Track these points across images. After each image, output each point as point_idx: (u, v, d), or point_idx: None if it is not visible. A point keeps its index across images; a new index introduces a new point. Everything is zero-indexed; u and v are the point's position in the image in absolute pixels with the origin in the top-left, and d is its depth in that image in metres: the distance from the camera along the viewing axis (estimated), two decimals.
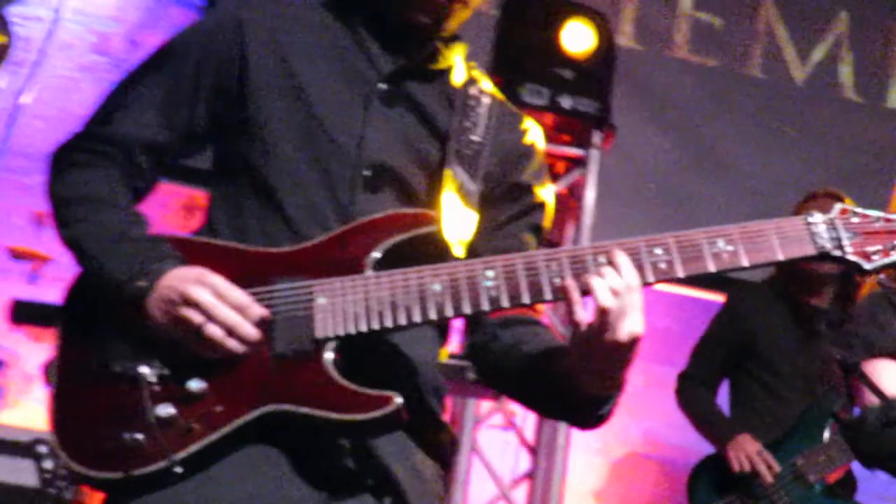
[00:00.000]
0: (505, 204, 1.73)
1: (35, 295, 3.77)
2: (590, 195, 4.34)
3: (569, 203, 4.42)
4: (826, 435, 3.34)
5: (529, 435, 4.32)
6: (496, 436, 4.38)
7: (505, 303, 1.46)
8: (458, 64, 1.73)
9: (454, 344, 3.58)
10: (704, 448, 4.62)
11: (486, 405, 4.10)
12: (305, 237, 1.54)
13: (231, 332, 1.42)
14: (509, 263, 1.48)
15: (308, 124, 1.61)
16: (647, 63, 5.10)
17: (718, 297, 4.12)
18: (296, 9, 1.72)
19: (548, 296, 1.46)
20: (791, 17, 5.33)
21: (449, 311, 1.47)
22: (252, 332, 1.43)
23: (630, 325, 1.37)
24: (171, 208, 4.13)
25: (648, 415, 4.73)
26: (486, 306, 1.46)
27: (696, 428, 3.67)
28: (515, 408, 4.31)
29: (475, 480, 4.04)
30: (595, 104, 4.27)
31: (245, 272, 1.50)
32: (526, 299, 1.46)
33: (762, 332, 3.60)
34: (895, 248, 1.51)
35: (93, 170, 1.60)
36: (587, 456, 4.65)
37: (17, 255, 3.52)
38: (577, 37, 4.26)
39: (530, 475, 4.25)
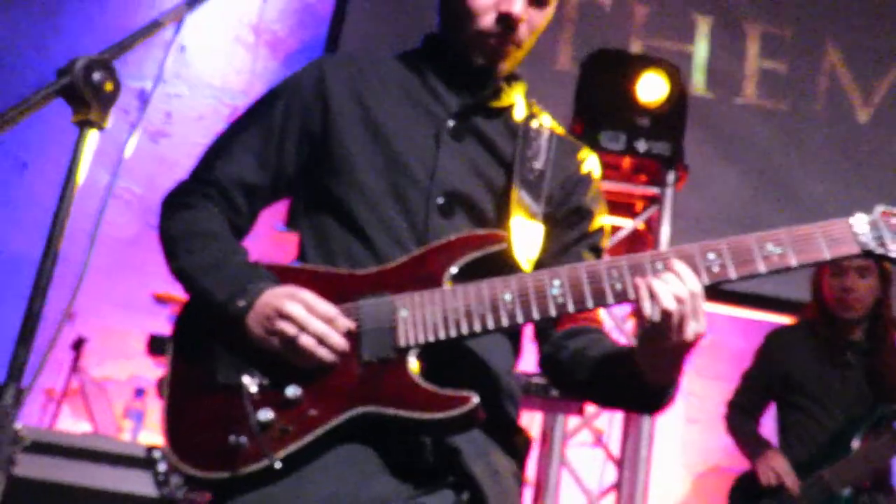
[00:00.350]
0: (568, 226, 1.75)
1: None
2: (665, 230, 4.34)
3: (646, 238, 4.43)
4: (855, 446, 3.43)
5: (615, 449, 4.29)
6: (584, 451, 4.36)
7: (571, 308, 1.48)
8: (518, 101, 1.76)
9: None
10: None
11: (573, 421, 4.10)
12: (387, 259, 1.57)
13: (321, 341, 1.46)
14: (573, 273, 1.49)
15: (386, 158, 1.64)
16: (718, 108, 5.06)
17: (785, 319, 4.17)
18: (369, 61, 1.77)
19: (610, 300, 1.48)
20: (854, 61, 5.24)
21: (520, 318, 1.49)
22: (340, 342, 1.47)
23: (694, 327, 1.40)
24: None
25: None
26: (553, 312, 1.49)
27: (738, 447, 3.75)
28: (602, 424, 4.33)
29: (565, 493, 4.03)
30: (668, 146, 4.29)
31: (334, 292, 1.53)
32: (590, 304, 1.48)
33: (797, 365, 3.66)
34: None
35: (197, 210, 1.65)
36: (670, 469, 4.58)
37: (160, 300, 3.58)
38: (652, 87, 4.29)
39: (616, 486, 4.21)
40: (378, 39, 4.98)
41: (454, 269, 1.53)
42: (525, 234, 1.63)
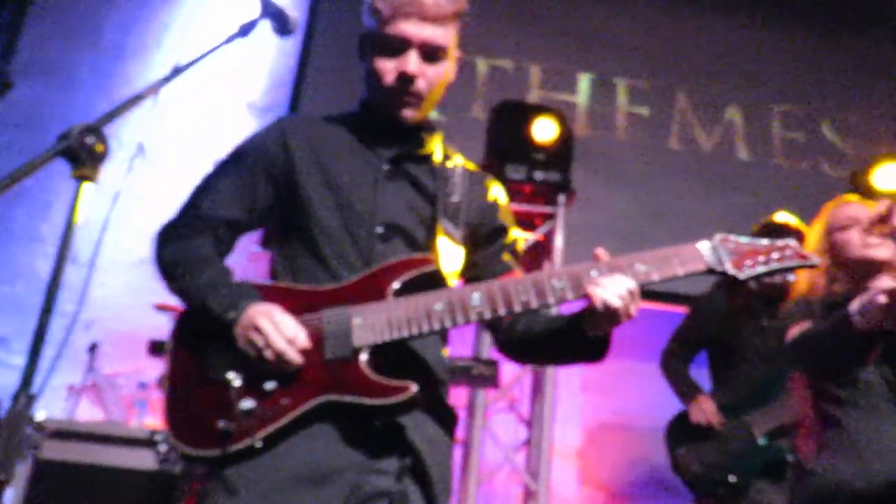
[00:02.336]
0: (490, 242, 1.76)
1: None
2: (559, 241, 4.40)
3: (545, 247, 4.49)
4: (775, 397, 3.29)
5: (525, 413, 4.33)
6: (500, 415, 4.37)
7: (487, 315, 1.50)
8: (437, 147, 1.75)
9: (478, 349, 3.63)
10: (658, 419, 4.64)
11: (492, 393, 4.11)
12: (341, 278, 1.58)
13: (280, 356, 1.46)
14: (490, 288, 1.51)
15: (336, 199, 1.64)
16: (598, 144, 5.12)
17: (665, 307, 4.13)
18: (320, 121, 1.76)
19: (517, 308, 1.50)
20: (697, 104, 5.37)
21: (448, 324, 1.50)
22: (296, 358, 1.47)
23: (630, 312, 1.46)
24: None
25: (616, 395, 4.69)
26: (473, 319, 1.50)
27: (673, 390, 3.61)
28: (514, 393, 4.34)
29: (486, 450, 4.06)
30: (559, 175, 4.39)
31: (303, 304, 1.53)
32: (502, 312, 1.50)
33: (722, 323, 3.49)
34: (759, 263, 1.53)
35: (191, 240, 1.64)
36: (569, 427, 4.59)
37: (161, 309, 3.47)
38: (545, 128, 4.36)
39: (527, 443, 4.26)
40: (333, 100, 4.95)
41: (396, 285, 1.54)
42: (449, 256, 1.65)
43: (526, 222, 4.51)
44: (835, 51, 5.61)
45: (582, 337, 1.53)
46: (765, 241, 1.55)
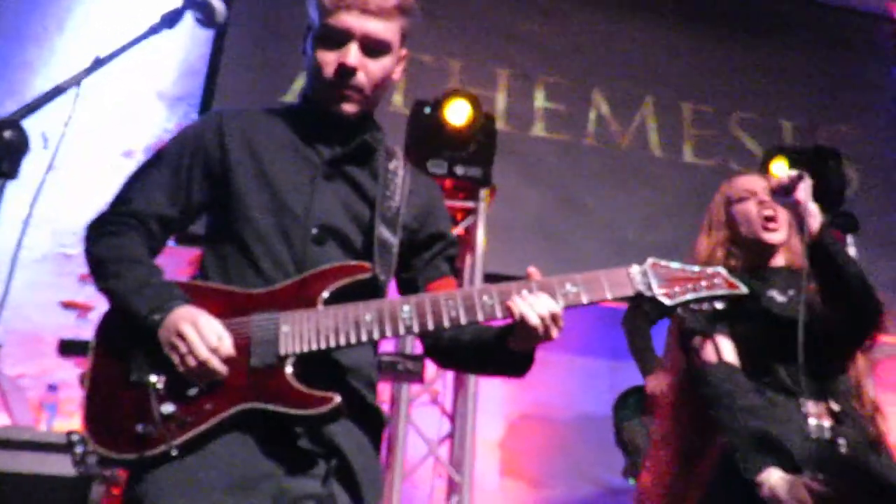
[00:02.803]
0: (428, 247, 1.76)
1: (79, 335, 3.74)
2: (480, 235, 4.44)
3: (466, 241, 4.52)
4: None
5: (448, 406, 4.37)
6: (424, 409, 4.41)
7: (416, 328, 1.50)
8: (380, 147, 1.74)
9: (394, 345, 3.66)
10: (578, 409, 4.78)
11: (416, 388, 4.14)
12: (273, 281, 1.56)
13: (202, 365, 1.44)
14: (420, 300, 1.52)
15: (271, 198, 1.62)
16: (517, 140, 5.20)
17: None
18: (260, 116, 1.73)
19: (446, 323, 1.51)
20: (613, 101, 5.51)
21: (376, 335, 1.50)
22: (219, 367, 1.45)
23: (550, 334, 1.48)
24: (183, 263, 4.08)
25: (536, 387, 4.79)
26: (402, 331, 1.50)
27: (631, 353, 3.62)
28: (438, 387, 4.39)
29: (410, 444, 4.07)
30: (480, 171, 4.42)
31: (232, 307, 1.52)
32: (430, 326, 1.50)
33: None
34: (688, 290, 1.53)
35: (121, 237, 1.60)
36: (491, 419, 4.66)
37: (68, 306, 3.43)
38: (458, 112, 4.33)
39: (451, 436, 4.29)
40: (248, 91, 4.89)
41: (326, 294, 1.53)
42: (385, 261, 1.63)
43: None
44: (742, 52, 5.85)
45: (506, 351, 1.55)
46: (695, 268, 1.57)
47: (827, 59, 6.03)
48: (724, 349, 2.11)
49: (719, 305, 1.57)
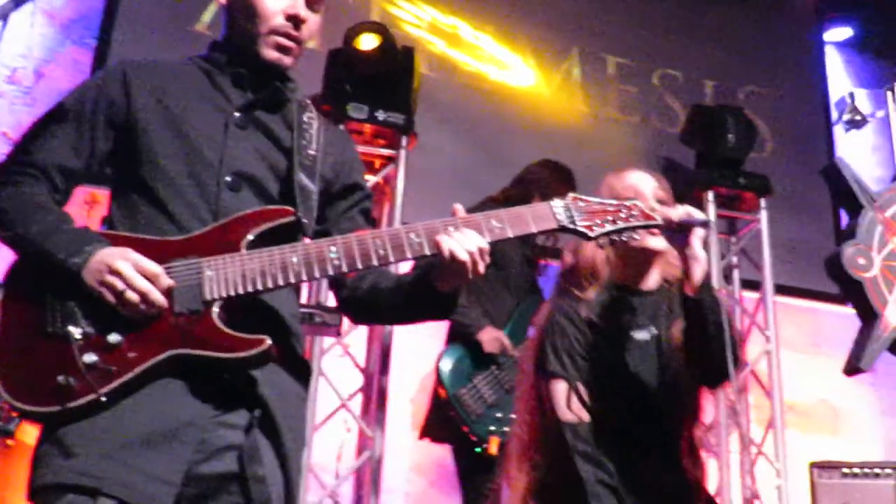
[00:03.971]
0: (343, 198, 1.79)
1: None
2: (399, 184, 4.43)
3: (385, 189, 4.53)
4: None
5: (361, 360, 4.42)
6: (336, 361, 4.39)
7: (344, 268, 1.53)
8: (293, 97, 1.76)
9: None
10: None
11: (328, 340, 4.15)
12: (188, 229, 1.55)
13: (144, 297, 1.44)
14: (347, 241, 1.55)
15: (182, 146, 1.61)
16: (442, 87, 5.19)
17: None
18: (167, 65, 1.72)
19: (374, 261, 1.54)
20: (538, 49, 5.55)
21: (304, 276, 1.52)
22: (160, 298, 1.45)
23: (478, 269, 1.53)
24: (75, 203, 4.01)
25: None
26: (330, 272, 1.53)
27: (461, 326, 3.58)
28: (350, 340, 4.38)
29: (322, 397, 4.10)
30: (402, 117, 4.40)
31: (150, 255, 1.49)
32: (359, 265, 1.54)
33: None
34: (608, 222, 1.64)
35: (25, 186, 1.57)
36: (403, 373, 4.67)
37: None
38: (368, 42, 4.31)
39: (362, 389, 4.36)
40: (150, 15, 4.70)
41: (250, 237, 1.54)
42: (307, 208, 1.65)
43: (366, 164, 4.48)
44: (668, 9, 5.97)
45: (431, 292, 1.60)
46: (613, 202, 1.67)
47: (749, 21, 6.21)
48: (577, 401, 2.11)
49: (636, 237, 1.68)
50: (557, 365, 2.12)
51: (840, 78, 6.63)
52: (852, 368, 1.89)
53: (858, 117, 5.58)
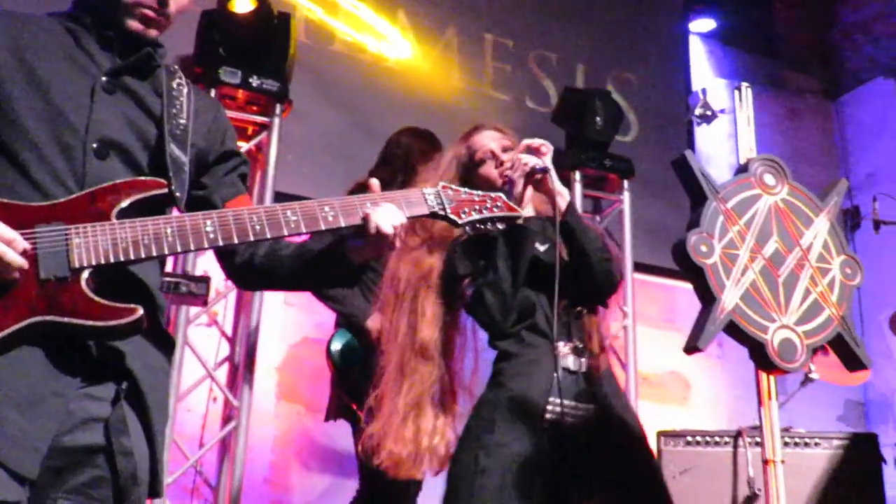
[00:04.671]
0: (221, 165, 1.80)
1: None
2: (272, 152, 4.44)
3: (257, 157, 4.51)
4: None
5: (229, 329, 4.44)
6: (202, 331, 4.46)
7: (220, 241, 1.55)
8: (162, 63, 1.75)
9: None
10: None
11: (194, 309, 4.15)
12: (52, 195, 1.51)
13: (1, 259, 1.40)
14: (223, 215, 1.57)
15: (46, 108, 1.56)
16: (317, 55, 5.18)
17: None
18: (33, 22, 1.66)
19: (250, 236, 1.56)
20: (417, 27, 5.65)
21: (178, 248, 1.53)
22: (18, 259, 1.41)
23: (397, 243, 1.62)
24: None
25: (320, 312, 4.62)
26: (206, 245, 1.54)
27: (322, 302, 3.68)
28: (217, 308, 4.43)
29: (186, 366, 4.10)
30: (277, 84, 4.40)
31: (12, 220, 1.44)
32: (235, 239, 1.56)
33: None
34: (475, 211, 1.76)
35: None
36: (271, 342, 4.74)
37: None
38: (242, 4, 4.27)
39: (229, 359, 4.38)
40: None
41: (123, 205, 1.53)
42: (179, 180, 1.65)
43: (238, 130, 4.47)
44: None
45: (343, 263, 1.68)
46: (479, 193, 1.80)
47: (621, 7, 6.50)
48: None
49: (500, 226, 1.81)
50: (470, 268, 2.34)
51: (703, 68, 7.05)
52: (691, 347, 2.11)
53: (709, 112, 5.95)
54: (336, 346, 3.61)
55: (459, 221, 1.73)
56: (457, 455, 2.24)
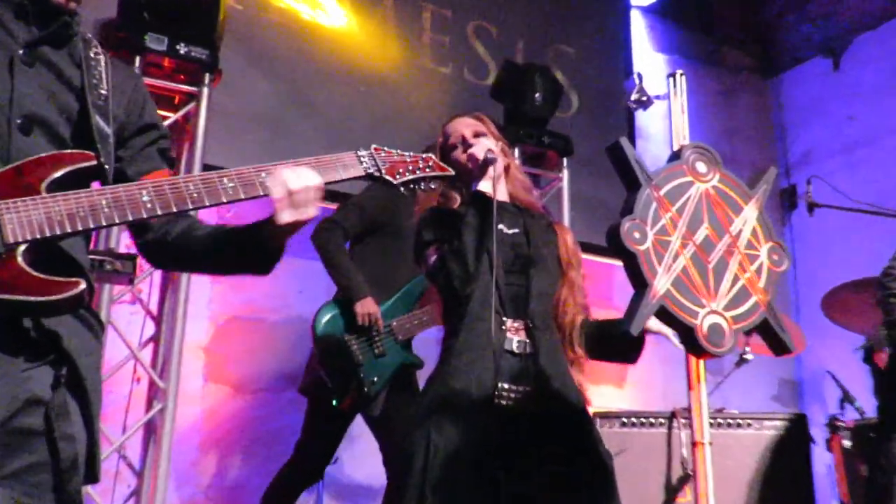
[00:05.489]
0: (139, 138, 1.81)
1: None
2: (201, 123, 4.40)
3: (185, 128, 4.47)
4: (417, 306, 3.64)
5: (154, 308, 4.42)
6: (125, 309, 4.43)
7: (158, 210, 1.57)
8: (78, 33, 1.75)
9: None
10: (287, 311, 4.99)
11: (118, 287, 4.12)
12: None
13: None
14: (159, 185, 1.58)
15: None
16: (250, 21, 5.13)
17: None
18: None
19: (189, 205, 1.59)
20: None
21: (116, 220, 1.53)
22: None
23: (311, 211, 1.64)
24: None
25: (247, 289, 4.95)
26: (144, 215, 1.56)
27: (326, 267, 3.62)
28: (143, 286, 4.41)
29: (111, 346, 4.06)
30: (206, 52, 4.34)
31: None
32: (174, 208, 1.58)
33: (399, 213, 3.62)
34: (409, 172, 1.85)
35: None
36: (198, 321, 4.73)
37: None
38: None
39: (154, 339, 4.37)
40: None
41: (58, 174, 1.53)
42: (105, 154, 1.66)
43: (165, 100, 4.44)
44: None
45: (260, 245, 1.70)
46: (410, 154, 1.89)
47: None
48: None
49: (433, 185, 1.92)
50: (436, 235, 2.47)
51: (643, 42, 7.17)
52: (623, 332, 2.19)
53: (645, 98, 6.07)
54: (324, 316, 3.59)
55: (394, 182, 1.81)
56: (408, 431, 2.31)
